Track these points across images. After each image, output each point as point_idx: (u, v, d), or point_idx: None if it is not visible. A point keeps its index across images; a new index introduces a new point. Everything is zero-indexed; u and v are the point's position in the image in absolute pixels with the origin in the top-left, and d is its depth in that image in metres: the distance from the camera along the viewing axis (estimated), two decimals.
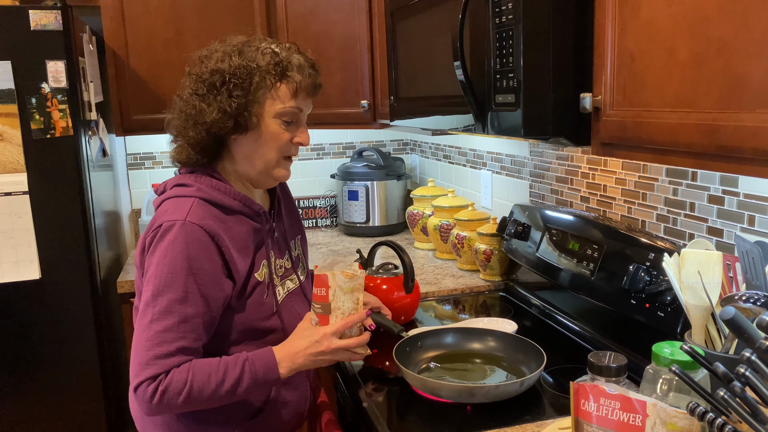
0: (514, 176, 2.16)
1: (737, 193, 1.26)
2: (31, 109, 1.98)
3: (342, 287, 1.23)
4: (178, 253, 1.15)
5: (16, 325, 2.06)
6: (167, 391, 1.12)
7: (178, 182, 1.27)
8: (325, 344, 1.21)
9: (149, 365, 1.12)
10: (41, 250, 2.04)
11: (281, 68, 1.22)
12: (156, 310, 1.14)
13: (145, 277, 1.18)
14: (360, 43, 2.36)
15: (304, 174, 3.02)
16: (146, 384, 1.12)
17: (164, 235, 1.17)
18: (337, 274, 1.23)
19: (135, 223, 2.84)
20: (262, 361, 1.18)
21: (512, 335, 1.46)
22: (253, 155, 1.26)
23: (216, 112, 1.20)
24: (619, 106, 1.06)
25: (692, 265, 1.03)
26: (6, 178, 1.99)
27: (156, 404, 1.13)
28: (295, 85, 1.23)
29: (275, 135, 1.25)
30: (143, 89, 2.38)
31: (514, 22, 1.15)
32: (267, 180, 1.32)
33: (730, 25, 0.82)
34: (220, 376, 1.15)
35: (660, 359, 0.95)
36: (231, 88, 1.20)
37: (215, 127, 1.21)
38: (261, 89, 1.21)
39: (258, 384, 1.18)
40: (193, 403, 1.14)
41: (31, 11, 1.95)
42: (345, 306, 1.24)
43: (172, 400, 1.12)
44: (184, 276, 1.15)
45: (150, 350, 1.13)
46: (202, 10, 2.40)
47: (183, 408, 1.15)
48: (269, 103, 1.23)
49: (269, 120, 1.24)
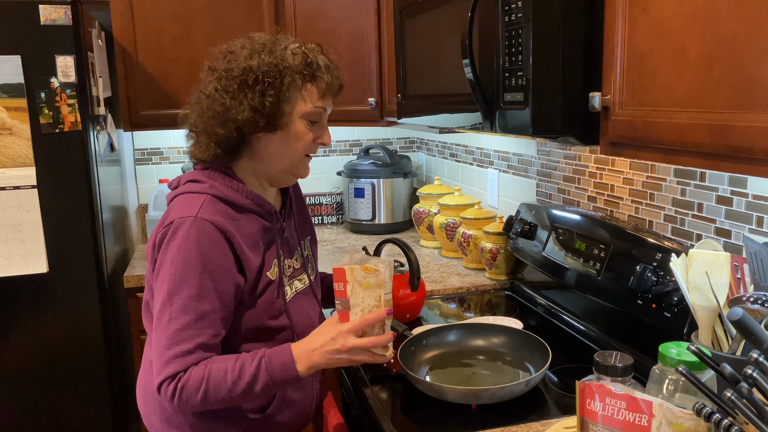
0: (521, 175, 2.16)
1: (746, 194, 1.26)
2: (40, 104, 1.99)
3: (361, 282, 1.18)
4: (191, 249, 1.15)
5: (23, 318, 2.07)
6: (185, 388, 1.12)
7: (191, 178, 1.27)
8: (340, 342, 1.17)
9: (169, 364, 1.13)
10: (49, 243, 2.05)
11: (312, 69, 1.23)
12: (173, 309, 1.14)
13: (158, 276, 1.18)
14: (368, 41, 2.36)
15: (311, 171, 3.01)
16: (167, 383, 1.13)
17: (176, 232, 1.17)
18: (355, 268, 1.18)
19: (142, 218, 2.85)
20: (279, 358, 1.16)
21: (517, 330, 1.46)
22: (279, 154, 1.27)
23: (248, 111, 1.19)
24: (628, 105, 1.06)
25: (700, 266, 1.03)
26: (15, 172, 2.00)
27: (177, 402, 1.13)
28: (324, 85, 1.25)
29: (301, 135, 1.26)
30: (151, 85, 2.39)
31: (524, 20, 1.15)
32: (288, 178, 1.33)
33: (742, 25, 0.82)
34: (236, 373, 1.14)
35: (666, 360, 0.95)
36: (264, 87, 1.19)
37: (247, 125, 1.21)
38: (292, 89, 1.22)
39: (276, 382, 1.16)
40: (212, 400, 1.14)
41: (41, 6, 1.96)
42: (365, 303, 1.19)
43: (190, 397, 1.13)
44: (198, 272, 1.15)
45: (170, 349, 1.13)
46: (210, 7, 2.40)
47: (203, 406, 1.14)
48: (299, 103, 1.24)
49: (297, 120, 1.25)
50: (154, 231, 1.23)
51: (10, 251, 2.03)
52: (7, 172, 1.99)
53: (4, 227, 2.01)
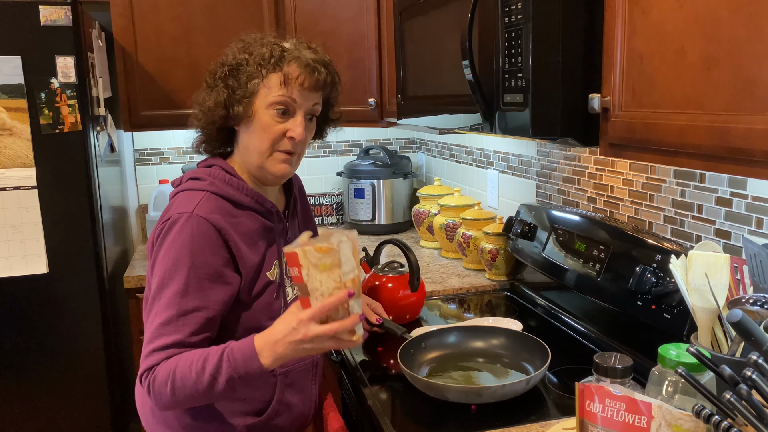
0: (520, 176, 2.16)
1: (745, 195, 1.26)
2: (41, 104, 1.99)
3: (316, 265, 1.05)
4: (183, 246, 1.16)
5: (23, 318, 2.07)
6: (155, 381, 1.12)
7: (192, 176, 1.28)
8: (302, 332, 1.07)
9: (147, 357, 1.14)
10: (49, 244, 2.05)
11: (275, 59, 1.22)
12: (160, 303, 1.16)
13: (152, 270, 1.20)
14: (368, 41, 2.36)
15: (311, 171, 3.02)
16: (144, 375, 1.14)
17: (171, 228, 1.18)
18: (308, 250, 1.05)
19: (142, 218, 2.85)
20: (242, 350, 1.10)
21: (515, 332, 1.46)
22: (249, 146, 1.27)
23: (212, 102, 1.24)
24: (628, 107, 1.06)
25: (699, 267, 1.03)
26: (15, 173, 2.00)
27: (153, 397, 1.14)
28: (285, 75, 1.22)
29: (266, 126, 1.23)
30: (151, 85, 2.39)
31: (524, 21, 1.15)
32: (266, 175, 1.29)
33: (742, 27, 0.82)
34: (199, 365, 1.10)
35: (666, 361, 0.95)
36: (228, 78, 1.24)
37: (211, 116, 1.25)
38: (254, 79, 1.22)
39: (239, 374, 1.09)
40: (179, 395, 1.11)
41: (41, 6, 1.96)
42: (324, 286, 1.06)
43: (161, 390, 1.12)
44: (186, 269, 1.15)
45: (150, 342, 1.15)
46: (210, 7, 2.40)
47: (174, 401, 1.13)
48: (263, 93, 1.23)
49: (262, 111, 1.23)
50: (155, 228, 1.24)
51: (10, 252, 2.03)
52: (7, 173, 1.99)
53: (4, 228, 2.01)
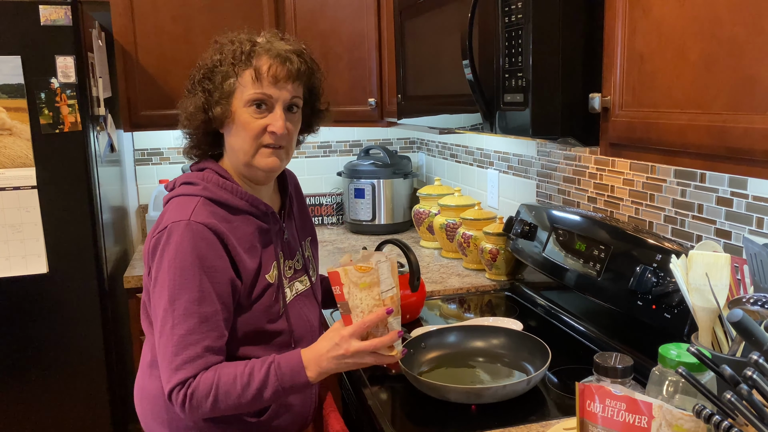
0: (521, 176, 2.15)
1: (746, 195, 1.26)
2: (41, 104, 1.99)
3: (357, 283, 1.14)
4: (187, 253, 1.15)
5: (22, 318, 2.07)
6: (195, 394, 1.12)
7: (185, 180, 1.27)
8: (344, 347, 1.14)
9: (178, 370, 1.12)
10: (49, 244, 2.05)
11: (246, 55, 1.21)
12: (176, 315, 1.14)
13: (156, 283, 1.18)
14: (368, 41, 2.36)
15: (311, 171, 3.02)
16: (177, 390, 1.12)
17: (170, 237, 1.16)
18: (349, 269, 1.14)
19: (142, 218, 2.85)
20: (289, 365, 1.15)
21: (516, 332, 1.46)
22: (234, 146, 1.26)
23: (192, 107, 1.24)
24: (628, 106, 1.06)
25: (700, 267, 1.03)
26: (15, 173, 2.00)
27: (188, 409, 1.12)
28: (262, 70, 1.20)
29: (245, 124, 1.22)
30: (151, 85, 2.39)
31: (524, 21, 1.15)
32: (255, 172, 1.28)
33: (742, 27, 0.82)
34: (245, 378, 1.13)
35: (666, 361, 0.95)
36: (202, 81, 1.24)
37: (193, 120, 1.25)
38: (229, 79, 1.21)
39: (285, 388, 1.14)
40: (222, 406, 1.13)
41: (41, 6, 1.96)
42: (364, 304, 1.14)
43: (201, 403, 1.12)
44: (198, 276, 1.14)
45: (177, 355, 1.13)
46: (210, 7, 2.40)
47: (213, 411, 1.13)
48: (239, 92, 1.22)
49: (240, 110, 1.22)
50: (149, 236, 1.22)
51: (10, 252, 2.03)
52: (7, 173, 1.99)
53: (4, 227, 2.01)
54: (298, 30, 2.44)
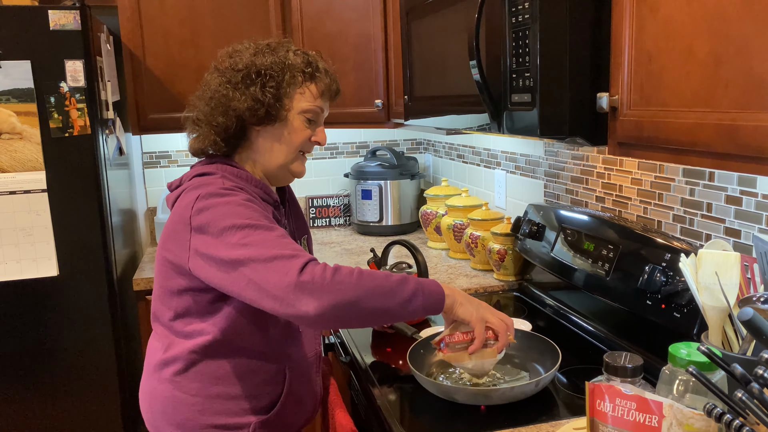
0: (528, 176, 2.15)
1: (755, 193, 1.25)
2: (50, 108, 2.01)
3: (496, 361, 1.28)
4: (242, 201, 1.16)
5: (33, 321, 2.09)
6: (340, 269, 1.09)
7: (199, 172, 1.27)
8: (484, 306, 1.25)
9: (298, 254, 1.08)
10: (59, 247, 2.06)
11: (312, 69, 1.30)
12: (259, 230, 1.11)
13: (208, 226, 1.13)
14: (374, 43, 2.36)
15: (318, 173, 3.03)
16: (313, 263, 1.08)
17: (212, 196, 1.16)
18: None
19: (151, 221, 2.87)
20: (430, 286, 1.18)
21: (526, 332, 1.46)
22: (276, 147, 1.30)
23: (249, 100, 1.25)
24: (636, 105, 1.06)
25: (709, 266, 1.02)
26: (25, 176, 2.02)
27: (330, 280, 1.06)
28: (323, 86, 1.31)
29: (298, 130, 1.30)
30: (159, 88, 2.40)
31: (531, 21, 1.15)
32: (285, 175, 1.34)
33: (751, 25, 0.81)
34: (394, 281, 1.13)
35: (677, 360, 0.95)
36: (266, 80, 1.26)
37: (247, 114, 1.25)
38: (292, 85, 1.28)
39: (425, 291, 1.16)
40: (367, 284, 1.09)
41: (50, 11, 1.97)
42: None
43: (346, 276, 1.08)
44: (263, 215, 1.16)
45: (284, 248, 1.09)
46: (217, 11, 2.41)
47: (356, 290, 1.07)
48: (297, 99, 1.29)
49: (295, 115, 1.29)
50: (173, 220, 1.20)
51: (21, 255, 2.04)
52: (17, 176, 2.01)
53: (15, 231, 2.03)
54: (305, 32, 2.44)
